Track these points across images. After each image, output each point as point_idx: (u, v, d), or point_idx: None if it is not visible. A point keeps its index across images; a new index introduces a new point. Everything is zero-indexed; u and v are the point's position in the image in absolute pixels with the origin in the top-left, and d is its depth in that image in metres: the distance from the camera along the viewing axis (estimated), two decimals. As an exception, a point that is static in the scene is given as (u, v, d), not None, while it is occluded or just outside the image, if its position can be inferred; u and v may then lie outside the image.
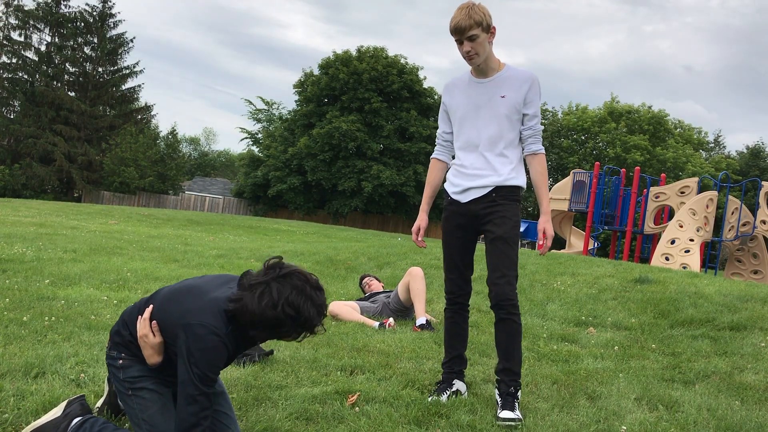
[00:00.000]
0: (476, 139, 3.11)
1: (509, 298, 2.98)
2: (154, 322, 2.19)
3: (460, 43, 3.00)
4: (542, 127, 3.18)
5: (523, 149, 3.15)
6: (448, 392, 3.09)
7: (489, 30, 2.99)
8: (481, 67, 3.09)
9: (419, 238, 3.31)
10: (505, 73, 3.10)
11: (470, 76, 3.17)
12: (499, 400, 2.92)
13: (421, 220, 3.31)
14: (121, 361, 2.25)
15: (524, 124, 3.10)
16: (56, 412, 2.30)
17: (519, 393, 2.96)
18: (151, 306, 2.23)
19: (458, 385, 3.18)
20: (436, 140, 3.38)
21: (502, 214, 3.04)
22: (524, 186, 3.12)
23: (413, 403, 2.88)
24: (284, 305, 1.98)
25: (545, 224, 3.04)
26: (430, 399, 2.96)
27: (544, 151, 3.14)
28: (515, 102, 3.05)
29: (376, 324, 4.65)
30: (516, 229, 3.05)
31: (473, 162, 3.12)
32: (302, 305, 1.99)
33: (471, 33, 2.94)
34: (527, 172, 3.17)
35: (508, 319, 2.99)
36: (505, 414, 2.79)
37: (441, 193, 3.37)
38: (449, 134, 3.29)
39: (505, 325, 3.01)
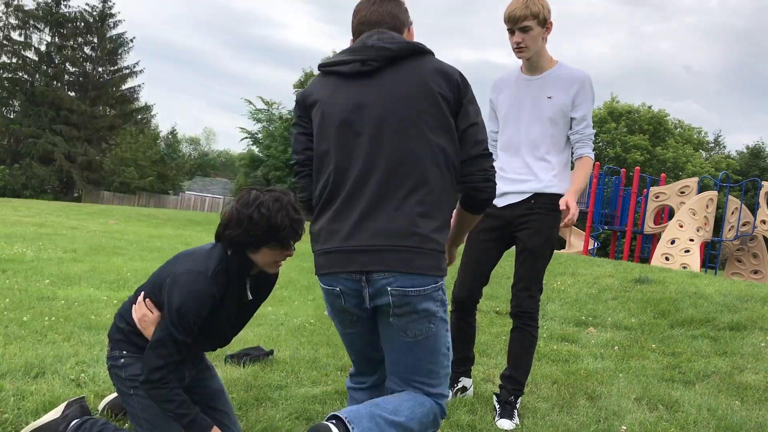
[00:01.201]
0: (518, 141, 2.94)
1: (528, 311, 2.91)
2: (148, 299, 2.23)
3: (511, 32, 2.81)
4: (593, 131, 2.92)
5: (572, 154, 2.96)
6: (452, 390, 3.08)
7: (545, 24, 2.80)
8: (532, 62, 2.90)
9: None
10: (556, 71, 2.90)
11: (519, 72, 2.98)
12: (497, 407, 2.88)
13: None
14: (123, 360, 2.25)
15: (572, 128, 2.90)
16: (55, 413, 2.30)
17: (519, 401, 2.92)
18: (142, 292, 2.27)
19: (464, 381, 3.17)
20: None
21: (537, 225, 2.86)
22: None
23: (413, 403, 2.88)
24: (259, 206, 2.05)
25: (569, 197, 2.73)
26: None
27: (592, 156, 2.91)
28: (562, 104, 2.85)
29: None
30: (549, 243, 2.89)
31: (513, 166, 2.94)
32: (275, 212, 2.05)
33: (525, 24, 2.76)
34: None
35: (523, 329, 2.93)
36: (502, 423, 2.76)
37: None
38: (496, 133, 3.09)
39: (520, 333, 2.94)
